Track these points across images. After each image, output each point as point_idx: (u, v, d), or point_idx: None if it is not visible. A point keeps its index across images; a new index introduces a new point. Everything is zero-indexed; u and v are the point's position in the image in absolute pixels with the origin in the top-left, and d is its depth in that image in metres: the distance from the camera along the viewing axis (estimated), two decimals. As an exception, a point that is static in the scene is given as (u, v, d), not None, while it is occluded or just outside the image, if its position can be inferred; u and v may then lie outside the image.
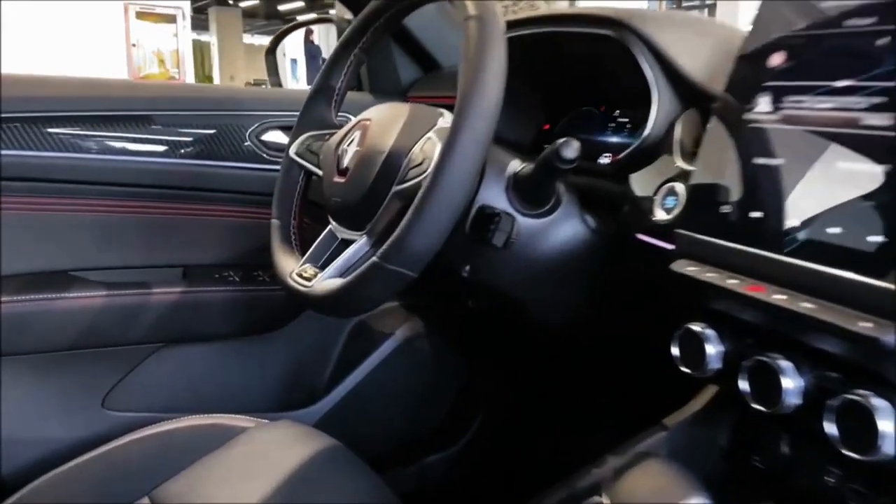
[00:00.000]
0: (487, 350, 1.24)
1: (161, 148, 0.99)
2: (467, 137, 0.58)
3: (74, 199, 0.95)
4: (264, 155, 1.05)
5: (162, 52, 8.42)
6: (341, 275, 0.69)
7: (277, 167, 0.95)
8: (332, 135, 0.80)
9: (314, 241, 0.77)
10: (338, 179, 0.73)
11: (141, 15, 7.42)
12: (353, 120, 0.77)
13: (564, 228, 0.73)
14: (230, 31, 13.07)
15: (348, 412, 1.14)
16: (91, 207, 0.96)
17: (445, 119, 0.71)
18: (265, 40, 14.14)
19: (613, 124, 0.91)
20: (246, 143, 1.04)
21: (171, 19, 8.11)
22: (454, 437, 1.25)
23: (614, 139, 0.90)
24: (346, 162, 0.72)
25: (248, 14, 13.96)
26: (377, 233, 0.68)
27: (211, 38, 12.82)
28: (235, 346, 1.07)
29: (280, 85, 1.54)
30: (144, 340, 0.99)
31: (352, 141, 0.73)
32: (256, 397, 1.09)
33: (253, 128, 1.04)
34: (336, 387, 1.14)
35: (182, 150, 1.00)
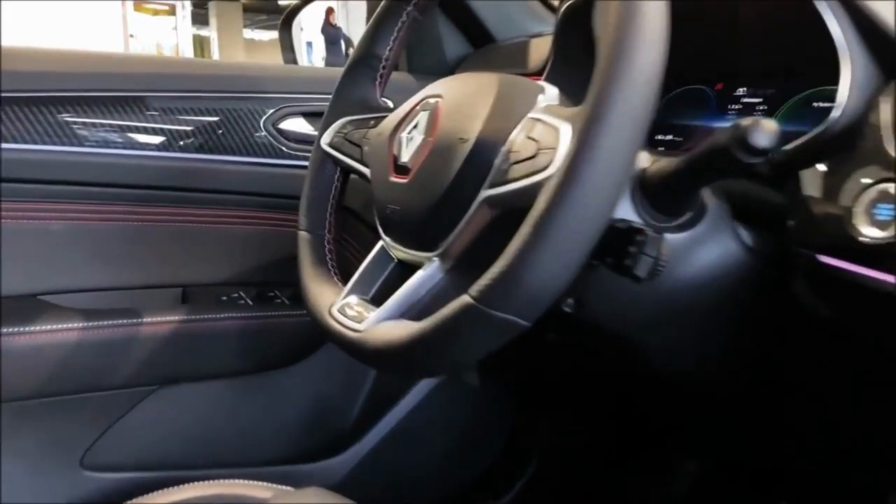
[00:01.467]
0: (547, 386, 1.07)
1: (155, 138, 0.85)
2: (621, 116, 0.39)
3: (43, 202, 0.81)
4: (283, 148, 0.90)
5: (161, 46, 8.34)
6: (403, 314, 0.51)
7: (299, 163, 0.88)
8: (377, 120, 0.64)
9: (352, 262, 0.61)
10: (396, 179, 0.55)
11: (139, 7, 7.26)
12: (414, 98, 0.59)
13: (712, 247, 0.54)
14: (230, 25, 13.04)
15: (382, 461, 0.98)
16: (64, 214, 0.82)
17: (548, 95, 0.52)
18: (266, 35, 14.20)
19: (737, 106, 0.72)
20: (260, 133, 0.89)
21: (170, 12, 7.97)
22: (503, 488, 1.09)
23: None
24: (407, 156, 0.55)
25: (249, 9, 13.85)
26: (455, 255, 0.51)
27: (211, 32, 12.82)
28: (246, 384, 0.91)
29: (296, 62, 1.36)
30: (133, 383, 0.83)
31: (415, 126, 0.56)
32: (272, 447, 0.93)
33: (269, 114, 0.89)
34: (367, 431, 0.98)
35: (181, 142, 0.86)
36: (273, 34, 13.67)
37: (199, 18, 12.16)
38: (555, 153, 0.42)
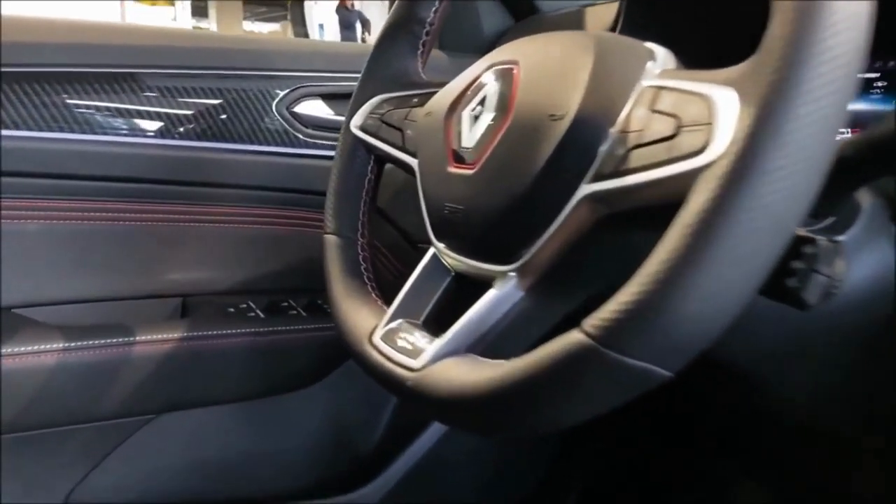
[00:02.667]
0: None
1: (150, 123, 0.76)
2: (827, 73, 0.27)
3: (17, 199, 0.71)
4: (299, 135, 0.81)
5: (160, 37, 8.30)
6: (471, 346, 0.40)
7: (317, 152, 0.81)
8: (422, 97, 0.52)
9: (383, 272, 0.54)
10: (456, 170, 0.44)
11: (136, -4, 7.20)
12: (475, 68, 0.47)
13: (868, 257, 0.43)
14: (230, 17, 13.08)
15: (410, 493, 0.89)
16: (43, 211, 0.72)
17: (661, 59, 0.39)
18: (266, 28, 14.13)
19: None
20: (272, 118, 0.80)
21: (169, 2, 7.87)
22: None
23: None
24: (471, 140, 0.43)
25: (249, 0, 13.84)
26: (540, 270, 0.39)
27: (210, 25, 12.85)
28: (256, 409, 0.81)
29: (307, 37, 1.25)
30: (125, 412, 0.74)
31: (481, 102, 0.44)
32: (285, 480, 0.83)
33: (282, 95, 0.80)
34: (393, 460, 0.88)
35: (181, 128, 0.77)
36: (273, 26, 13.64)
37: (199, 10, 12.17)
38: (711, 131, 0.30)
